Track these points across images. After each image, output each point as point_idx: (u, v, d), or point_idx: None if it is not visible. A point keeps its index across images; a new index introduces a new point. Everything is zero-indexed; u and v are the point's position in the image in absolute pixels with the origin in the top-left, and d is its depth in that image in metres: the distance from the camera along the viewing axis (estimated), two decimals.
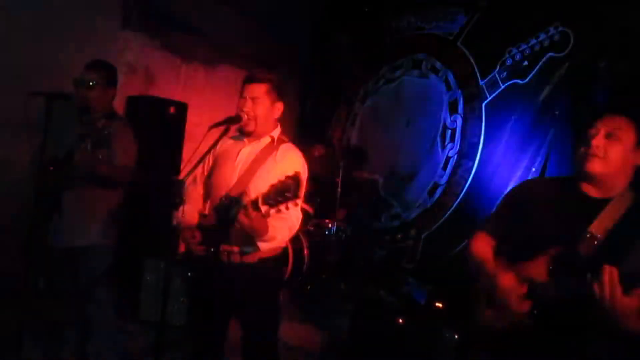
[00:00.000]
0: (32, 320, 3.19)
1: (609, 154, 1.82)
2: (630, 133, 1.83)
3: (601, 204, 1.85)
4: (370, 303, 4.20)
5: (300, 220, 2.37)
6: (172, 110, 4.55)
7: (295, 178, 1.92)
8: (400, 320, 3.43)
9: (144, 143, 3.10)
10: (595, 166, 1.84)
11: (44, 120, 2.71)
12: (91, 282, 2.90)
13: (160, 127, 4.44)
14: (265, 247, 2.25)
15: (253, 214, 2.01)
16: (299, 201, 2.32)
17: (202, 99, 5.27)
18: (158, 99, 4.66)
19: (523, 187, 2.17)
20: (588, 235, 1.80)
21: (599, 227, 1.80)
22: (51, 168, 2.80)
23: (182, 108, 4.65)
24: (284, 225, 2.26)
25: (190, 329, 2.59)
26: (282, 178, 1.93)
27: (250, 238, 2.20)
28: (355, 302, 4.11)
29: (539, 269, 1.86)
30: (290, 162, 2.33)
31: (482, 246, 2.11)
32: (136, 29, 4.73)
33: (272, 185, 1.95)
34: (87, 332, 2.97)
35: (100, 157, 2.73)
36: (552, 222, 1.91)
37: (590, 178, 1.88)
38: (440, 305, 3.81)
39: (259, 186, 2.12)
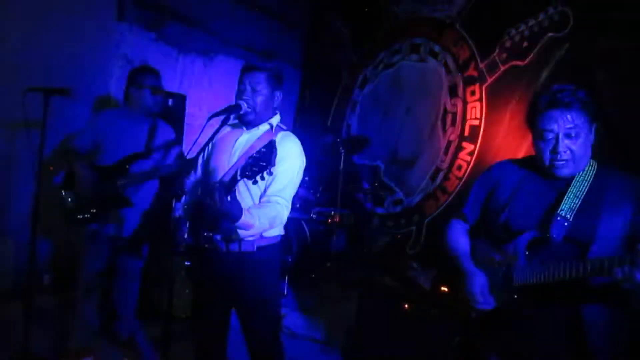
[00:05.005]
0: (38, 315, 3.23)
1: (575, 152, 1.84)
2: (585, 123, 1.83)
3: (569, 181, 1.88)
4: (375, 289, 4.20)
5: (286, 214, 2.30)
6: (170, 102, 4.53)
7: (269, 147, 1.95)
8: (406, 306, 3.42)
9: None
10: (566, 171, 1.87)
11: (42, 115, 2.70)
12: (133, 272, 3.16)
13: None
14: (243, 233, 2.19)
15: (222, 196, 1.97)
16: (287, 197, 2.29)
17: (201, 90, 5.25)
18: None
19: (494, 170, 2.16)
20: (558, 218, 1.83)
21: (566, 207, 1.83)
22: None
23: (180, 100, 4.63)
24: (265, 213, 2.19)
25: (193, 320, 2.57)
26: (258, 149, 1.97)
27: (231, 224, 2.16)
28: (360, 289, 4.11)
29: (515, 253, 1.90)
30: (287, 149, 2.29)
31: (457, 235, 2.16)
32: (131, 21, 4.68)
33: (249, 157, 1.98)
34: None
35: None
36: (525, 204, 1.94)
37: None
38: (445, 289, 3.80)
39: None
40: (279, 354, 2.47)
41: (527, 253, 1.87)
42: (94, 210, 3.04)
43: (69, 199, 3.06)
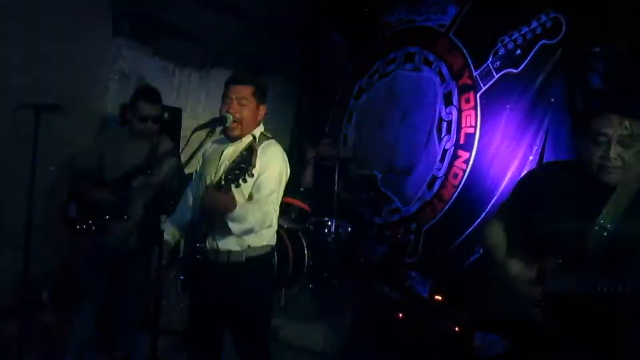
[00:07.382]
0: (35, 332, 3.25)
1: (626, 160, 1.73)
2: (638, 131, 1.71)
3: (614, 189, 1.77)
4: (372, 299, 4.19)
5: (275, 216, 2.34)
6: (166, 116, 4.54)
7: (249, 149, 2.02)
8: (401, 315, 3.41)
9: None
10: (614, 177, 1.75)
11: (33, 132, 2.73)
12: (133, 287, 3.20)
13: None
14: (237, 228, 2.20)
15: (214, 191, 2.05)
16: (274, 201, 2.31)
17: (197, 103, 5.28)
18: None
19: (534, 175, 2.11)
20: (596, 228, 1.73)
21: (607, 216, 1.73)
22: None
23: (177, 113, 4.65)
24: (256, 208, 2.23)
25: (189, 333, 2.58)
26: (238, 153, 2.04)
27: (224, 223, 2.18)
28: (357, 299, 4.10)
29: (550, 262, 1.83)
30: (270, 155, 2.32)
31: (495, 234, 2.11)
32: (127, 36, 4.72)
33: (232, 162, 2.05)
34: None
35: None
36: (563, 212, 1.85)
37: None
38: (439, 298, 3.79)
39: None
40: None
41: (560, 261, 1.80)
42: (91, 222, 3.13)
43: (71, 209, 3.18)
